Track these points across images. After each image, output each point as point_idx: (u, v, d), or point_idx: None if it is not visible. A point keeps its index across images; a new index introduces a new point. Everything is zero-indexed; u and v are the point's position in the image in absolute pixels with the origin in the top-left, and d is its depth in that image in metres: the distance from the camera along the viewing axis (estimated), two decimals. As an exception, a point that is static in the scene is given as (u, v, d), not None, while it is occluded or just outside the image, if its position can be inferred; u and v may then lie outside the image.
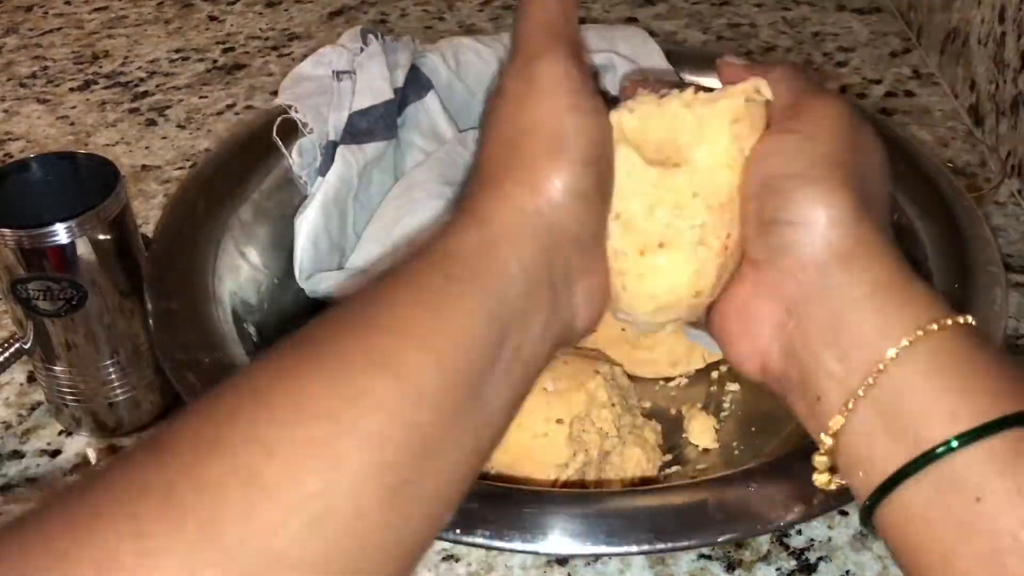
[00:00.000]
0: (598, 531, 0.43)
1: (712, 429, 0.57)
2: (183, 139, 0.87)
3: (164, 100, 0.93)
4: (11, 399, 0.62)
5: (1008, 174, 0.77)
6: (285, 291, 0.61)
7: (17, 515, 0.27)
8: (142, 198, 0.80)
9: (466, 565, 0.51)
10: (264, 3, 1.09)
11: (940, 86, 0.91)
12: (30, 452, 0.59)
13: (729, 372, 0.61)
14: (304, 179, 0.63)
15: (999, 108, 0.79)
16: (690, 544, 0.44)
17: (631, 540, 0.43)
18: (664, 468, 0.56)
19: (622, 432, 0.54)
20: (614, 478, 0.54)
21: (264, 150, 0.63)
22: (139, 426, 0.60)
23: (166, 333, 0.52)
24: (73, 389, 0.57)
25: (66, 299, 0.53)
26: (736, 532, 0.44)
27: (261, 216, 0.62)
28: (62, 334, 0.55)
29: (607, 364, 0.55)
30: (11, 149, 0.86)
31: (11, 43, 1.03)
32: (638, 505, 0.45)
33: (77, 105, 0.92)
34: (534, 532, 0.43)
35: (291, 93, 0.64)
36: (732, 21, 1.03)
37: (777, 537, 0.52)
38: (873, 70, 0.94)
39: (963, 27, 0.87)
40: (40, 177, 0.55)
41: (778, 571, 0.51)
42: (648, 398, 0.60)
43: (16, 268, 0.52)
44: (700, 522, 0.44)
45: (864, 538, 0.52)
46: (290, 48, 1.00)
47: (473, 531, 0.43)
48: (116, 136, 0.88)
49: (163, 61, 0.99)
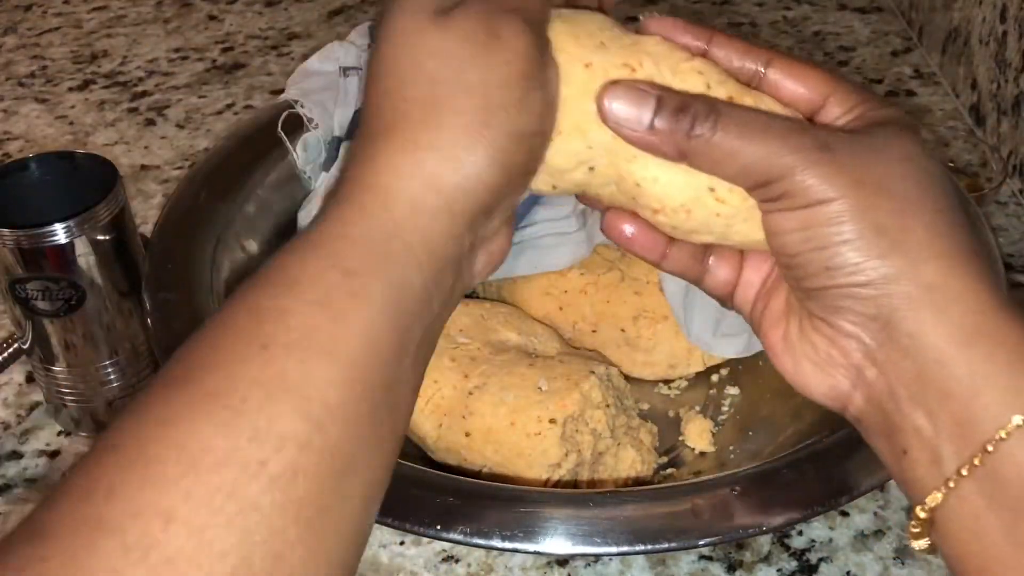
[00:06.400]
0: (598, 531, 0.43)
1: (709, 432, 0.57)
2: (182, 139, 0.87)
3: (163, 100, 0.92)
4: (10, 399, 0.62)
5: (1009, 174, 0.77)
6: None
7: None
8: (141, 198, 0.80)
9: (466, 566, 0.51)
10: (263, 2, 1.09)
11: (941, 85, 0.91)
12: (29, 453, 0.59)
13: (729, 375, 0.61)
14: (308, 174, 0.64)
15: (1000, 108, 0.79)
16: (690, 545, 0.44)
17: (631, 540, 0.43)
18: (659, 470, 0.56)
19: (616, 433, 0.54)
20: (608, 479, 0.54)
21: (269, 145, 0.63)
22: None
23: (162, 324, 0.52)
24: (72, 389, 0.57)
25: (65, 299, 0.53)
26: (736, 532, 0.44)
27: (264, 210, 0.63)
28: (61, 334, 0.55)
29: (603, 365, 0.55)
30: (10, 149, 0.86)
31: (10, 42, 1.03)
32: (639, 506, 0.45)
33: (76, 105, 0.92)
34: (534, 533, 0.43)
35: (298, 88, 0.64)
36: (733, 20, 1.03)
37: (778, 538, 0.52)
38: (874, 69, 0.94)
39: (964, 26, 0.87)
40: (39, 177, 0.55)
41: (779, 572, 0.51)
42: (646, 400, 0.60)
43: (15, 268, 0.52)
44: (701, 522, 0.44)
45: (865, 539, 0.52)
46: (289, 47, 1.00)
47: (473, 532, 0.43)
48: (115, 136, 0.88)
49: (162, 61, 0.99)
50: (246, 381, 0.27)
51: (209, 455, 0.25)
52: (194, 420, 0.26)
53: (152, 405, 0.27)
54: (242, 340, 0.28)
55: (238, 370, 0.27)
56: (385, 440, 0.30)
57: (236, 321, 0.28)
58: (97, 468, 0.26)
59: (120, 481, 0.25)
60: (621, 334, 0.60)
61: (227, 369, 0.27)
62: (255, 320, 0.28)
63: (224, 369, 0.27)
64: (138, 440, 0.26)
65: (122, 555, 0.24)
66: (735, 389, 0.60)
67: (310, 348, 0.28)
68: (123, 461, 0.25)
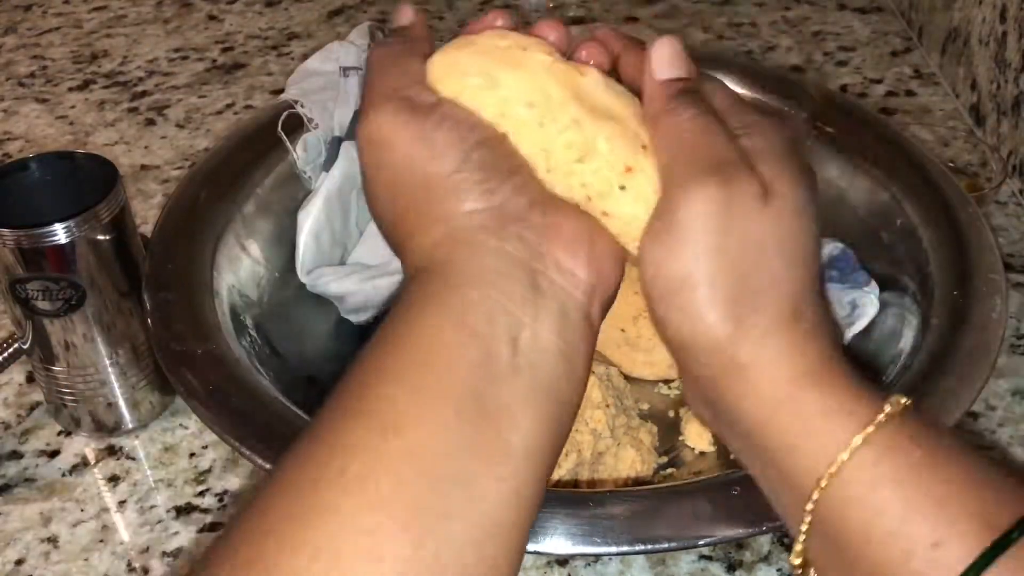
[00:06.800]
0: (598, 531, 0.43)
1: (708, 432, 0.57)
2: (182, 139, 0.87)
3: (163, 100, 0.92)
4: (10, 399, 0.62)
5: (1009, 174, 0.77)
6: (285, 286, 0.61)
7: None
8: (141, 198, 0.80)
9: (466, 566, 0.51)
10: (263, 2, 1.09)
11: (941, 86, 0.91)
12: (29, 452, 0.59)
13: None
14: (308, 174, 0.64)
15: (1000, 108, 0.79)
16: (690, 545, 0.44)
17: (631, 540, 0.43)
18: (659, 470, 0.56)
19: (616, 433, 0.54)
20: (607, 479, 0.54)
21: (269, 145, 0.63)
22: (139, 426, 0.60)
23: (162, 324, 0.52)
24: (72, 389, 0.57)
25: (65, 299, 0.53)
26: (736, 532, 0.44)
27: (264, 210, 0.63)
28: (61, 334, 0.55)
29: (603, 365, 0.55)
30: (10, 149, 0.86)
31: (10, 42, 1.03)
32: (639, 505, 0.45)
33: (76, 105, 0.92)
34: (534, 532, 0.43)
35: (298, 88, 0.64)
36: (733, 20, 1.03)
37: (778, 538, 0.52)
38: (874, 70, 0.94)
39: (964, 26, 0.87)
40: (39, 177, 0.55)
41: (779, 572, 0.51)
42: (646, 400, 0.60)
43: (15, 268, 0.52)
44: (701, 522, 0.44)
45: (865, 539, 0.52)
46: (289, 47, 1.00)
47: (473, 532, 0.43)
48: (115, 136, 0.88)
49: (162, 60, 0.99)
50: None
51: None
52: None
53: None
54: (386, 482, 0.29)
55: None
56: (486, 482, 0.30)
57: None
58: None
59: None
60: (621, 334, 0.60)
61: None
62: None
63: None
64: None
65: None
66: (735, 389, 0.60)
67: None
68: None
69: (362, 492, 0.27)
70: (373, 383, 0.30)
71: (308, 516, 0.27)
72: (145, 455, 0.58)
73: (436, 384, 0.30)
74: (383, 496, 0.27)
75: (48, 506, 0.55)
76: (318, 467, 0.28)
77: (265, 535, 0.27)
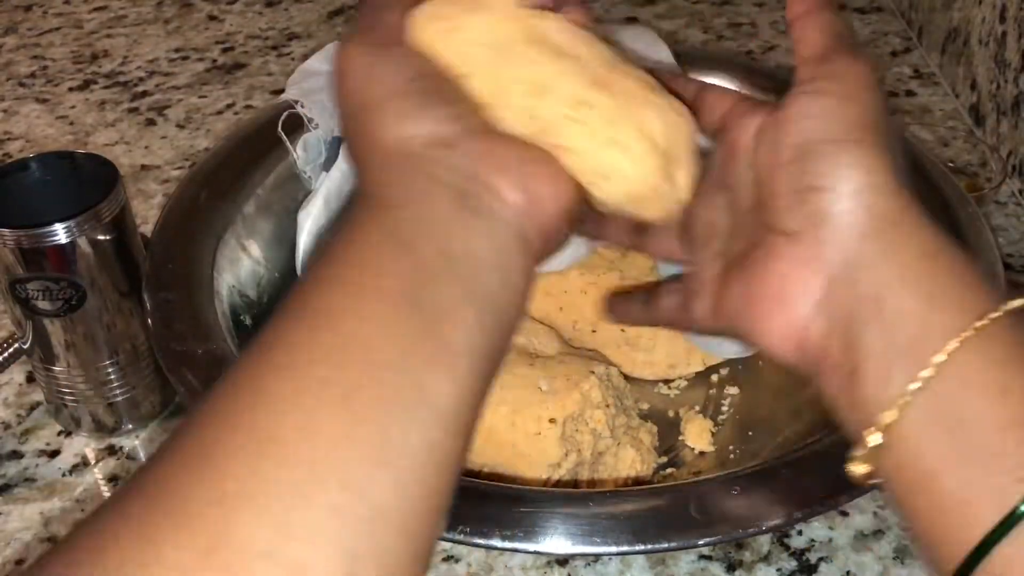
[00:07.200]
0: (598, 531, 0.43)
1: (708, 432, 0.57)
2: (182, 139, 0.87)
3: (163, 100, 0.92)
4: (10, 399, 0.62)
5: (1009, 174, 0.77)
6: (285, 286, 0.61)
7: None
8: (141, 198, 0.80)
9: (466, 566, 0.51)
10: (263, 2, 1.09)
11: (941, 86, 0.91)
12: (29, 452, 0.59)
13: (729, 375, 0.61)
14: (308, 174, 0.64)
15: (1000, 108, 0.79)
16: (690, 545, 0.44)
17: (631, 540, 0.43)
18: (659, 470, 0.56)
19: (616, 433, 0.54)
20: (607, 478, 0.54)
21: (269, 145, 0.63)
22: (139, 426, 0.60)
23: (162, 324, 0.52)
24: (72, 389, 0.57)
25: (65, 299, 0.53)
26: (736, 532, 0.44)
27: (264, 210, 0.63)
28: (61, 334, 0.55)
29: (603, 365, 0.55)
30: (10, 149, 0.86)
31: (10, 43, 1.03)
32: (639, 505, 0.45)
33: (76, 105, 0.92)
34: (534, 532, 0.43)
35: (298, 88, 0.64)
36: (733, 20, 1.03)
37: (778, 538, 0.52)
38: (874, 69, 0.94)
39: (964, 27, 0.87)
40: (39, 177, 0.55)
41: (779, 572, 0.51)
42: (646, 400, 0.60)
43: (15, 268, 0.52)
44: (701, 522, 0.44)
45: (865, 538, 0.52)
46: (289, 48, 1.00)
47: (473, 532, 0.43)
48: (115, 136, 0.88)
49: (162, 61, 0.99)
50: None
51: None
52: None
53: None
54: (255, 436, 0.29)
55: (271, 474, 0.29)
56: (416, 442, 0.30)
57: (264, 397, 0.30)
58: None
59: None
60: (621, 334, 0.60)
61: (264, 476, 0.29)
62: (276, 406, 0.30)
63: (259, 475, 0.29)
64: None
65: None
66: (735, 389, 0.60)
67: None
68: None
69: (301, 378, 0.28)
70: (311, 291, 0.32)
71: (246, 399, 0.28)
72: (145, 455, 0.58)
73: (371, 283, 0.31)
74: (320, 379, 0.28)
75: (48, 506, 0.56)
76: (258, 364, 0.30)
77: (210, 421, 0.28)
